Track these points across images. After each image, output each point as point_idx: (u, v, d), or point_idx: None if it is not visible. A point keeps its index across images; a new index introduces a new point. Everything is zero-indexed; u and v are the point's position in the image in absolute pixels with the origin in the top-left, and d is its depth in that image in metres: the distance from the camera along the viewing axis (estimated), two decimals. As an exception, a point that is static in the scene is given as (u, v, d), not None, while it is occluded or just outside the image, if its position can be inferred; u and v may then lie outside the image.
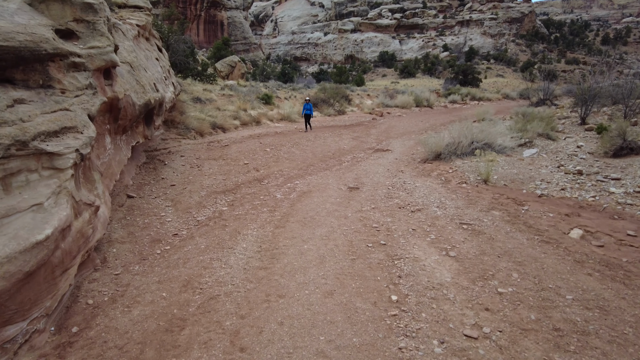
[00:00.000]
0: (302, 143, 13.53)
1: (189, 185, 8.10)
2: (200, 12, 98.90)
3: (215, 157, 10.75)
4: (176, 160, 10.32)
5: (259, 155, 11.28)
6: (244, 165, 9.94)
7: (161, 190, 7.78)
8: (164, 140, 12.83)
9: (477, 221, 5.66)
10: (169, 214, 6.55)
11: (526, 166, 8.53)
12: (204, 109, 17.03)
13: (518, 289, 3.89)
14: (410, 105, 29.99)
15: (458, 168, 8.54)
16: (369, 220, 5.93)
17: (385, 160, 10.55)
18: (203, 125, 14.73)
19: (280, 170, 9.69)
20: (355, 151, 12.52)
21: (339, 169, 9.76)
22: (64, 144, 4.68)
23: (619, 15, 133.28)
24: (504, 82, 69.37)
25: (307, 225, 5.78)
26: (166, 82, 12.56)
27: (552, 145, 10.67)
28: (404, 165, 9.83)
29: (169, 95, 11.62)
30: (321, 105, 23.95)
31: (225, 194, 7.59)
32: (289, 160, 10.82)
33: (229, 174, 9.04)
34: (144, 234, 5.67)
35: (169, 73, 14.04)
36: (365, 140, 14.68)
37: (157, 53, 13.09)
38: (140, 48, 10.77)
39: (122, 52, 8.59)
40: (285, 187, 8.08)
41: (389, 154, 11.55)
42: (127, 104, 7.58)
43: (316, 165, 10.36)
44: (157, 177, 8.87)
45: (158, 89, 9.99)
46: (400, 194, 7.25)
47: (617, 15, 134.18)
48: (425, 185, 7.69)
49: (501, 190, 7.00)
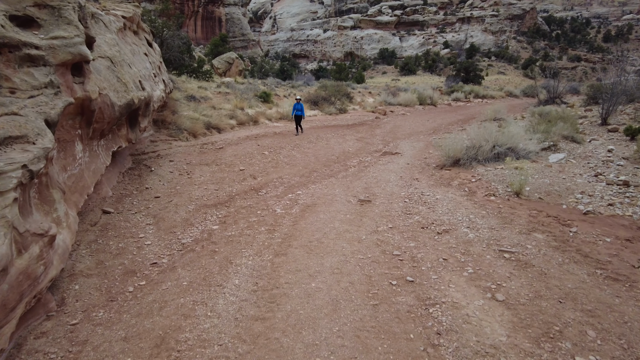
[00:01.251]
0: (303, 145, 12.51)
1: (176, 196, 7.08)
2: (198, 8, 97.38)
3: (207, 161, 9.72)
4: (164, 165, 9.29)
5: (257, 159, 10.26)
6: (240, 171, 8.91)
7: (143, 204, 6.76)
8: (153, 143, 11.81)
9: (519, 247, 4.67)
10: (150, 234, 5.54)
11: (557, 174, 7.53)
12: (198, 108, 15.98)
13: (602, 357, 2.91)
14: (414, 103, 28.96)
15: (482, 177, 7.54)
16: (388, 244, 4.94)
17: (396, 166, 9.54)
18: (196, 125, 13.69)
19: (280, 177, 8.68)
20: (361, 154, 11.51)
21: (345, 176, 8.75)
22: (5, 158, 3.67)
23: (619, 13, 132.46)
24: (505, 80, 68.37)
25: (314, 252, 4.78)
26: (155, 80, 11.53)
27: (579, 148, 9.68)
28: (418, 171, 8.83)
29: (158, 94, 10.58)
30: (322, 103, 22.92)
31: (216, 208, 6.58)
32: (289, 166, 9.81)
33: (222, 182, 8.02)
34: (116, 264, 4.67)
35: (160, 70, 12.99)
36: (370, 142, 13.66)
37: (147, 48, 12.05)
38: (125, 42, 9.73)
39: (102, 46, 7.55)
40: (286, 199, 7.08)
41: (399, 158, 10.54)
42: (103, 105, 6.54)
43: (320, 171, 9.35)
44: (140, 186, 7.84)
45: (144, 87, 8.96)
46: (420, 208, 6.25)
47: (617, 12, 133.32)
48: (448, 197, 6.68)
49: (537, 205, 6.01)
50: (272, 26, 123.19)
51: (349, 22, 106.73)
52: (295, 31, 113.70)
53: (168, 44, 24.10)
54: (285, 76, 41.19)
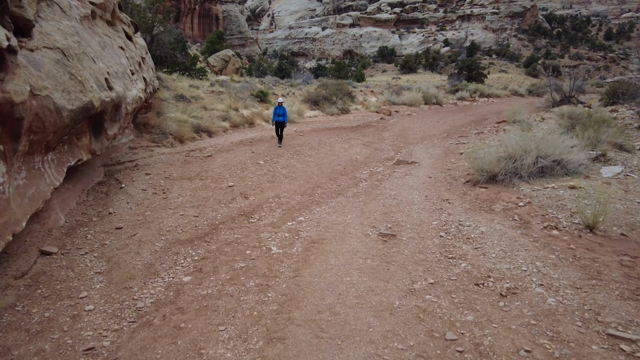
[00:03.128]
0: (303, 152, 10.92)
1: (143, 227, 5.49)
2: (195, 6, 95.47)
3: (191, 174, 8.12)
4: (138, 180, 7.69)
5: (250, 170, 8.66)
6: (228, 188, 7.31)
7: (99, 239, 5.17)
8: (132, 150, 10.21)
9: (637, 330, 3.12)
10: (96, 292, 3.97)
11: (625, 195, 5.97)
12: (187, 109, 14.37)
13: None
14: (419, 102, 27.41)
15: (530, 199, 5.97)
16: (434, 318, 3.37)
17: (416, 180, 7.96)
18: (184, 129, 12.10)
19: (277, 195, 7.09)
20: (371, 163, 9.92)
21: (356, 194, 7.17)
22: None
23: (618, 11, 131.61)
24: (508, 78, 67.02)
25: (325, 334, 3.20)
26: (133, 77, 9.92)
27: (633, 159, 8.13)
28: (446, 188, 7.25)
29: (134, 94, 8.97)
30: (323, 103, 21.33)
31: (193, 245, 5.00)
32: (288, 179, 8.21)
33: (205, 204, 6.42)
34: (29, 352, 3.11)
35: (140, 66, 11.36)
36: (380, 147, 12.07)
37: (124, 41, 10.43)
38: (93, 32, 8.09)
39: (53, 34, 5.92)
40: (284, 229, 5.50)
41: (417, 169, 8.96)
42: (42, 110, 4.93)
43: (325, 186, 7.76)
44: (104, 210, 6.25)
45: (112, 86, 7.36)
46: (463, 248, 4.68)
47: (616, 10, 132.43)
48: (496, 230, 5.11)
49: (624, 246, 4.44)
50: (270, 24, 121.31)
51: (347, 19, 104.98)
52: (294, 29, 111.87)
53: (159, 40, 22.49)
54: (284, 75, 39.75)
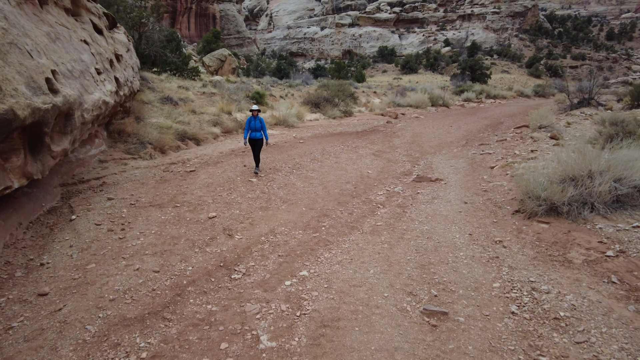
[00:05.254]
0: (305, 165, 9.24)
1: (76, 294, 3.79)
2: (191, 5, 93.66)
3: (164, 199, 6.42)
4: (96, 208, 6.00)
5: (239, 192, 6.97)
6: (208, 221, 5.62)
7: (6, 316, 3.50)
8: (102, 163, 8.53)
9: None
10: None
11: None
12: (172, 113, 12.65)
13: None
14: (426, 104, 25.78)
15: (621, 244, 4.31)
16: None
17: (448, 206, 6.28)
18: (166, 136, 10.40)
19: (272, 231, 5.41)
20: (386, 179, 8.24)
21: (375, 229, 5.49)
22: None
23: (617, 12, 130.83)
24: (511, 79, 65.53)
25: None
26: (99, 77, 8.22)
27: None
28: (490, 220, 5.57)
29: (96, 98, 7.27)
30: (324, 105, 19.66)
31: (143, 329, 3.31)
32: (286, 204, 6.53)
33: (173, 249, 4.73)
34: None
35: (112, 65, 9.66)
36: (393, 158, 10.39)
37: (90, 34, 8.73)
38: (40, 20, 6.37)
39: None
40: (280, 296, 3.82)
41: (445, 189, 7.29)
42: None
43: (333, 214, 6.08)
44: (36, 259, 4.55)
45: (57, 89, 5.68)
46: (556, 341, 3.02)
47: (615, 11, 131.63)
48: (591, 302, 3.45)
49: None
50: (268, 24, 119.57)
51: (346, 19, 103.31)
52: (292, 29, 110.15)
53: (148, 38, 20.80)
54: (282, 75, 38.16)
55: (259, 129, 8.43)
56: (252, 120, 8.43)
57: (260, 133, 8.46)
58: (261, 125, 8.43)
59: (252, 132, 8.46)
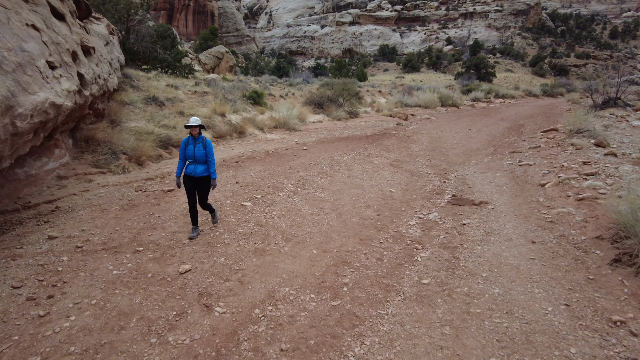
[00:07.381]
0: (311, 181, 7.54)
1: None
2: (189, 2, 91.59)
3: (123, 239, 4.71)
4: (27, 254, 4.30)
5: (226, 224, 5.28)
6: (178, 279, 3.90)
7: None
8: (61, 180, 6.82)
9: None
10: None
11: None
12: (156, 115, 10.91)
13: None
14: (436, 104, 24.08)
15: None
16: None
17: (513, 248, 4.60)
18: (144, 145, 8.68)
19: (271, 296, 3.69)
20: (415, 202, 6.54)
21: (424, 295, 3.78)
22: None
23: (618, 10, 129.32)
24: (515, 78, 63.82)
25: None
26: (52, 73, 6.45)
27: None
28: (584, 277, 3.89)
29: (41, 99, 5.53)
30: (328, 105, 17.95)
31: None
32: (290, 245, 4.80)
33: (116, 339, 2.99)
34: None
35: (76, 58, 7.88)
36: (415, 170, 8.69)
37: (45, 19, 6.96)
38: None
39: None
40: None
41: (497, 218, 5.60)
42: None
43: (355, 261, 4.37)
44: None
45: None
46: None
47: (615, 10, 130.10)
48: None
49: None
50: (267, 22, 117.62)
51: (347, 17, 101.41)
52: (292, 27, 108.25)
53: (137, 32, 19.02)
54: (282, 74, 36.47)
55: (200, 160, 4.88)
56: (190, 144, 4.89)
57: (203, 166, 4.91)
58: (205, 153, 4.88)
59: (192, 163, 4.92)
